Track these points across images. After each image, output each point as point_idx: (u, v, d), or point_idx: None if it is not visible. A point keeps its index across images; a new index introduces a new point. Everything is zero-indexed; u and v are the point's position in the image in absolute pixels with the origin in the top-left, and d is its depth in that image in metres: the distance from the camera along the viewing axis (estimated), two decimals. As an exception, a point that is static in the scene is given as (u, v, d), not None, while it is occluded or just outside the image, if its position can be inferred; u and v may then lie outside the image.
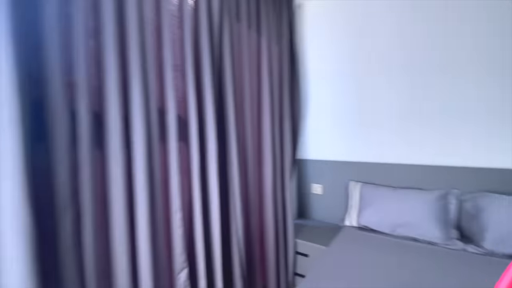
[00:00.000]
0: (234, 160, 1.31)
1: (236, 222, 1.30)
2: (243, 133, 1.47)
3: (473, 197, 1.53)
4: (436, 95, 1.67)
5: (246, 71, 1.49)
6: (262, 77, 1.62)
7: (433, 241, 1.49)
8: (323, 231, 1.92)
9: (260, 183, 1.62)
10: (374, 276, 1.17)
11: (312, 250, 1.74)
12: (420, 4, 1.68)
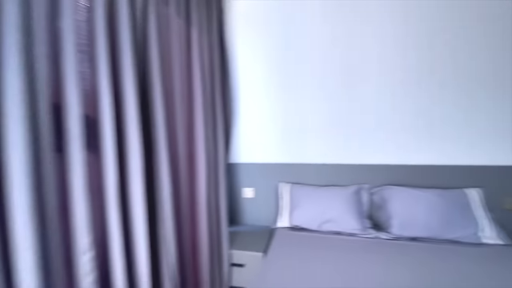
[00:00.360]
0: (165, 174, 1.07)
1: (167, 253, 1.07)
2: (174, 138, 1.23)
3: (380, 190, 1.80)
4: (349, 101, 1.89)
5: (176, 63, 1.26)
6: (194, 71, 1.42)
7: (353, 232, 1.66)
8: (256, 236, 1.87)
9: (193, 194, 1.41)
10: (314, 275, 1.20)
11: (248, 259, 1.66)
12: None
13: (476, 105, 1.67)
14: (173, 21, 1.27)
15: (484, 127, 1.67)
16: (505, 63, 1.61)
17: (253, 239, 1.83)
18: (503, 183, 1.62)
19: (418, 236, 1.56)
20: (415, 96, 1.77)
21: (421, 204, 1.61)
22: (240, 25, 2.03)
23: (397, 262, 1.30)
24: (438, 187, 1.70)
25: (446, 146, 1.73)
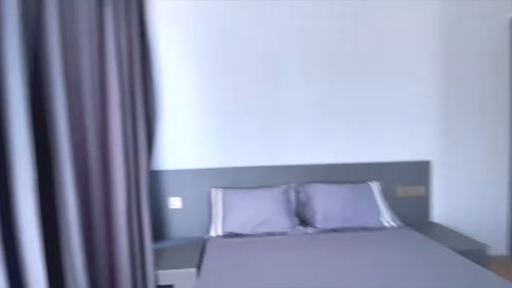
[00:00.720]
0: (69, 189, 0.81)
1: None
2: (82, 142, 0.97)
3: (304, 188, 1.95)
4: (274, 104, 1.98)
5: (85, 47, 1.00)
6: (108, 59, 1.17)
7: (284, 231, 1.73)
8: (187, 250, 1.70)
9: (109, 210, 1.15)
10: (253, 282, 1.17)
11: (178, 278, 1.48)
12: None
13: (374, 116, 2.04)
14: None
15: (381, 131, 2.05)
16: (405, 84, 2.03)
17: (183, 254, 1.65)
18: (395, 176, 2.03)
19: (337, 227, 1.75)
20: (331, 105, 2.01)
21: (338, 199, 1.82)
22: (163, 18, 1.83)
23: (325, 253, 1.43)
24: (349, 182, 1.98)
25: (354, 147, 2.04)
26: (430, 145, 2.10)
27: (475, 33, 2.09)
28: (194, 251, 1.67)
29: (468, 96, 2.11)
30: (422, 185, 2.05)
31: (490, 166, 2.16)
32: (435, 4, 2.04)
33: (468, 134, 2.12)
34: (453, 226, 2.09)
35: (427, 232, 1.85)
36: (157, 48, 1.84)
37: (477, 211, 2.15)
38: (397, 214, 1.90)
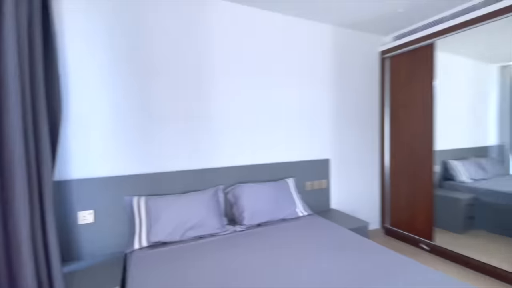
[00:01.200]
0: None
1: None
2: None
3: (232, 189, 2.05)
4: (205, 111, 2.02)
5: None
6: (4, 46, 0.93)
7: (214, 232, 1.78)
8: (104, 269, 1.50)
9: (8, 233, 0.91)
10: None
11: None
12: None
13: (288, 125, 2.36)
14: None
15: (293, 137, 2.38)
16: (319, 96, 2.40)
17: (101, 274, 1.45)
18: (304, 172, 2.40)
19: (262, 222, 1.94)
20: (253, 114, 2.20)
21: (262, 196, 2.01)
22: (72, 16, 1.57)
23: (254, 247, 1.56)
24: (271, 180, 2.21)
25: (273, 150, 2.30)
26: (328, 147, 2.58)
27: (357, 61, 2.72)
28: (114, 268, 1.50)
29: (352, 111, 2.72)
30: (325, 179, 2.51)
31: (368, 162, 2.85)
32: (329, 38, 2.54)
33: (352, 138, 2.73)
34: (345, 210, 2.65)
35: (328, 216, 2.29)
36: (64, 44, 1.56)
37: (360, 197, 2.80)
38: (307, 204, 2.26)
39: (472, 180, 3.20)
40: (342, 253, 1.45)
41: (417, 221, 2.56)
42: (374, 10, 2.24)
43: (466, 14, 2.10)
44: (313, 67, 2.46)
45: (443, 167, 3.36)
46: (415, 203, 2.58)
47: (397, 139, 2.75)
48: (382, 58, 2.83)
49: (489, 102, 2.02)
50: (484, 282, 1.97)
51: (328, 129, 2.59)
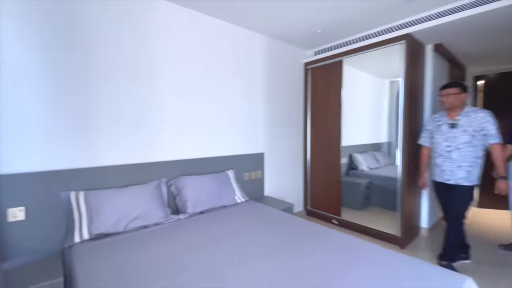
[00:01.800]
0: None
1: None
2: None
3: (175, 181, 2.19)
4: (145, 105, 2.10)
5: None
6: None
7: (159, 221, 1.90)
8: (42, 265, 1.47)
9: None
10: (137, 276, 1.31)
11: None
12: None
13: (229, 123, 2.63)
14: None
15: (233, 134, 2.66)
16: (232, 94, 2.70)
17: (39, 269, 1.42)
18: (242, 165, 2.71)
19: (204, 210, 2.15)
20: (194, 110, 2.38)
21: (204, 186, 2.22)
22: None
23: (197, 229, 1.77)
24: (214, 171, 2.44)
25: (216, 145, 2.52)
26: (263, 143, 2.97)
27: (286, 70, 3.19)
28: (53, 263, 1.48)
29: (282, 113, 3.18)
30: (260, 170, 2.88)
31: (294, 156, 3.37)
32: (263, 46, 2.91)
33: (282, 136, 3.20)
34: (276, 196, 3.08)
35: (262, 202, 2.66)
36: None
37: (288, 185, 3.29)
38: (245, 192, 2.58)
39: (369, 169, 4.13)
40: (273, 226, 1.81)
41: (329, 202, 3.20)
42: (299, 28, 2.71)
43: (364, 41, 2.76)
44: (250, 72, 2.79)
45: (350, 159, 4.22)
46: (328, 188, 3.21)
47: (316, 137, 3.34)
48: (305, 69, 3.37)
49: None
50: (375, 242, 2.67)
51: (263, 127, 2.97)
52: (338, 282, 1.14)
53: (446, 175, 2.11)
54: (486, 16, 2.07)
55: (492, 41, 2.74)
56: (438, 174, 2.18)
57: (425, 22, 2.32)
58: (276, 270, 1.25)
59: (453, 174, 2.06)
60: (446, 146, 2.11)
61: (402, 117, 2.53)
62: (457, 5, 2.14)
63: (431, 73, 2.80)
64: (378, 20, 2.54)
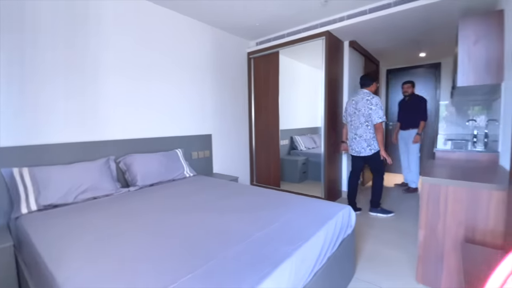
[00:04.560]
0: None
1: None
2: None
3: (123, 158, 2.34)
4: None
5: None
6: None
7: (108, 193, 2.05)
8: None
9: None
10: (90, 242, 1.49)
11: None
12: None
13: (177, 105, 2.82)
14: None
15: (184, 117, 2.87)
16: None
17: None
18: (191, 145, 2.95)
19: (154, 182, 2.35)
20: (145, 91, 2.52)
21: (153, 162, 2.41)
22: None
23: (147, 198, 1.97)
24: (163, 150, 2.63)
25: (166, 125, 2.71)
26: (211, 125, 3.24)
27: (231, 59, 3.48)
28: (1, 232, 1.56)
29: (229, 97, 3.48)
30: (208, 150, 3.16)
31: (241, 137, 3.72)
32: (209, 35, 3.15)
33: (230, 119, 3.52)
34: (224, 173, 3.41)
35: (212, 176, 2.97)
36: None
37: (236, 163, 3.65)
38: (194, 169, 2.84)
39: (306, 148, 4.75)
40: (214, 189, 2.14)
41: (271, 177, 3.67)
42: (240, 20, 3.02)
43: (295, 35, 3.21)
44: (197, 59, 3.01)
45: (291, 140, 4.78)
46: (270, 165, 3.67)
47: (259, 120, 3.75)
48: (249, 58, 3.72)
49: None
50: (303, 205, 3.21)
51: (211, 110, 3.23)
52: (263, 212, 1.52)
53: None
54: (384, 20, 2.67)
55: (393, 41, 3.47)
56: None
57: (338, 22, 2.85)
58: (209, 216, 1.58)
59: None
60: None
61: (323, 103, 3.08)
62: (361, 9, 2.70)
63: (347, 66, 3.41)
64: (304, 18, 3.00)
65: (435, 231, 1.53)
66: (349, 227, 1.66)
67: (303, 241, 1.17)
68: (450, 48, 3.74)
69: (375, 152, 2.71)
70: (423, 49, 3.94)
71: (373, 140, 2.70)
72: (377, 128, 2.63)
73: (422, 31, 3.03)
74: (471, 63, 1.99)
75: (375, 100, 2.63)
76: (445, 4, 2.26)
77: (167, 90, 2.72)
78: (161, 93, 2.67)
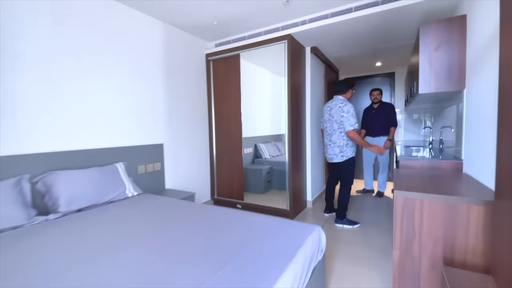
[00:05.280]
0: None
1: None
2: None
3: (42, 177, 1.83)
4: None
5: None
6: None
7: (17, 225, 1.55)
8: None
9: None
10: None
11: None
12: None
13: (120, 112, 2.38)
14: None
15: (127, 123, 2.42)
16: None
17: None
18: (136, 157, 2.51)
19: (83, 207, 1.87)
20: (73, 94, 2.05)
21: (84, 181, 1.94)
22: None
23: (66, 233, 1.50)
24: (98, 165, 2.16)
25: (103, 134, 2.24)
26: (163, 133, 2.83)
27: (188, 61, 3.14)
28: None
29: (186, 102, 3.12)
30: (158, 162, 2.74)
31: (200, 147, 3.36)
32: (161, 34, 2.78)
33: (187, 127, 3.14)
34: (181, 188, 3.01)
35: (163, 194, 2.55)
36: None
37: (194, 176, 3.27)
38: (140, 186, 2.40)
39: (271, 156, 4.56)
40: (163, 212, 1.76)
41: (233, 189, 3.36)
42: (196, 18, 2.71)
43: (257, 37, 3.00)
44: (147, 58, 2.61)
45: (255, 148, 4.55)
46: (232, 176, 3.37)
47: (220, 127, 3.44)
48: (207, 60, 3.41)
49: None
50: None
51: (164, 117, 2.84)
52: (218, 246, 1.21)
53: None
54: (344, 25, 2.60)
55: (352, 49, 3.47)
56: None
57: (300, 26, 2.72)
58: (147, 256, 1.22)
59: None
60: None
61: (286, 111, 2.91)
62: (323, 13, 2.61)
63: (309, 72, 3.31)
64: (266, 20, 2.82)
65: (411, 251, 1.38)
66: (319, 252, 1.44)
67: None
68: (405, 58, 3.90)
69: (346, 160, 2.68)
70: (379, 59, 4.06)
71: (346, 147, 2.66)
72: (350, 136, 2.57)
73: (380, 39, 3.07)
74: (433, 69, 1.97)
75: (347, 107, 2.57)
76: (405, 9, 2.25)
77: (105, 93, 2.27)
78: (97, 96, 2.22)
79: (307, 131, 3.39)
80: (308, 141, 3.40)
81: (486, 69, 1.50)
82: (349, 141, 2.66)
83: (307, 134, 3.39)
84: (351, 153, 2.68)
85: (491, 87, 1.41)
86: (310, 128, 3.39)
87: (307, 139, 3.40)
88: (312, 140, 3.46)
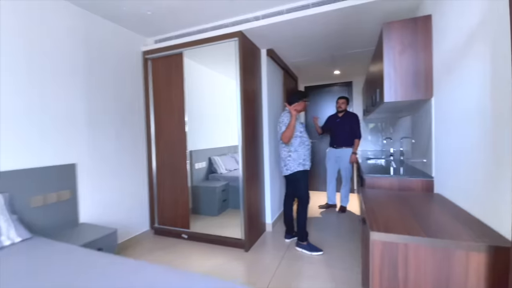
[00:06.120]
0: None
1: None
2: None
3: None
4: None
5: None
6: None
7: None
8: None
9: None
10: None
11: None
12: None
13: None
14: None
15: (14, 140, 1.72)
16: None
17: None
18: (25, 184, 1.79)
19: None
20: None
21: None
22: None
23: None
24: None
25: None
26: (77, 150, 2.16)
27: (119, 59, 2.52)
28: None
29: (113, 111, 2.48)
30: (67, 189, 2.05)
31: (136, 165, 2.72)
32: (81, 25, 2.14)
33: (114, 140, 2.49)
34: (104, 221, 2.33)
35: (75, 233, 1.89)
36: None
37: (126, 203, 2.60)
38: (35, 225, 1.71)
39: (227, 171, 4.06)
40: (47, 276, 1.14)
41: (178, 215, 2.77)
42: (124, 5, 2.15)
43: (203, 33, 2.54)
44: (58, 54, 1.94)
45: (209, 162, 4.01)
46: (176, 198, 2.78)
47: (161, 140, 2.84)
48: (145, 59, 2.83)
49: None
50: (221, 251, 2.44)
51: (83, 128, 2.18)
52: None
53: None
54: (301, 23, 2.28)
55: (311, 54, 3.22)
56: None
57: (253, 21, 2.34)
58: None
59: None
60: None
61: (239, 117, 2.48)
62: (278, 9, 2.27)
63: (266, 78, 2.95)
64: (213, 13, 2.38)
65: (395, 313, 1.02)
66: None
67: None
68: (363, 67, 3.81)
69: (292, 173, 2.43)
70: (338, 67, 3.91)
71: (288, 160, 2.43)
72: (283, 136, 2.38)
73: (339, 44, 2.86)
74: (398, 75, 1.73)
75: (282, 118, 2.47)
76: (365, 8, 2.02)
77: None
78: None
79: (265, 141, 3.00)
80: (266, 152, 3.00)
81: (460, 76, 1.26)
82: (292, 154, 2.41)
83: (265, 145, 2.99)
84: (296, 167, 2.40)
85: (470, 97, 1.15)
86: (268, 138, 3.00)
87: (264, 151, 2.99)
88: (271, 152, 3.06)
